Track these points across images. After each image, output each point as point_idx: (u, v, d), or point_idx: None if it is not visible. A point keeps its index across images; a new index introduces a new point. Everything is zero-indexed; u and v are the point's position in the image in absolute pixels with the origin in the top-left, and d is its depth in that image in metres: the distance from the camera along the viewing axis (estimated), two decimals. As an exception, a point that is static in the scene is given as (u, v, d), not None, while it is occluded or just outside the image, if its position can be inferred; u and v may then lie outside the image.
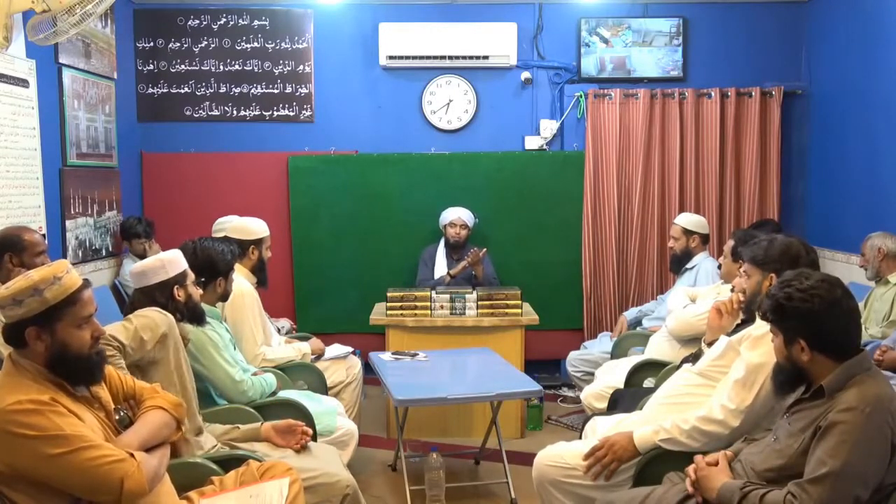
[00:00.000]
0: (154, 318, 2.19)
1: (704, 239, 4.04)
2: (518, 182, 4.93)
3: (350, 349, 3.70)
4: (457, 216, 4.52)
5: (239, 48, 4.96)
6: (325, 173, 4.92)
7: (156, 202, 4.92)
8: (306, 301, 4.97)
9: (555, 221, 4.95)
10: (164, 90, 4.97)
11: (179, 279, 2.36)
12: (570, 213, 4.93)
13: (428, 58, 4.86)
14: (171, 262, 2.38)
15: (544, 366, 4.92)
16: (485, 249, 4.43)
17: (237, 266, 3.01)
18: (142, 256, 4.36)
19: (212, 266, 2.70)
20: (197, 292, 2.41)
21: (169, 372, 2.20)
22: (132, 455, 1.72)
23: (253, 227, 3.42)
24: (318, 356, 3.54)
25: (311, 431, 2.46)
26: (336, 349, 3.66)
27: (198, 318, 2.40)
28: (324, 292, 4.95)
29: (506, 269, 4.78)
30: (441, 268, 4.53)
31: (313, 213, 4.94)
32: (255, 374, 2.87)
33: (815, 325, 1.79)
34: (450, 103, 5.01)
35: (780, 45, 4.92)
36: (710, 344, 2.57)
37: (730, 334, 2.38)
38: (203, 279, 2.64)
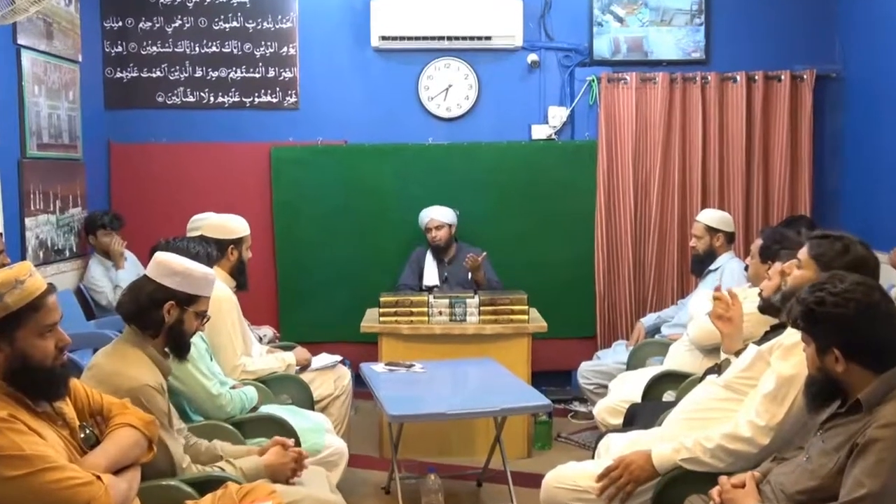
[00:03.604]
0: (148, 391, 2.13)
1: (730, 237, 4.05)
2: (524, 175, 4.94)
3: (338, 358, 3.71)
4: (429, 218, 4.54)
5: (216, 28, 4.97)
6: (311, 165, 4.93)
7: (125, 198, 4.92)
8: (291, 307, 4.97)
9: (564, 218, 4.96)
10: (134, 74, 4.99)
11: (183, 299, 2.25)
12: (582, 209, 4.94)
13: (425, 38, 4.87)
14: (195, 276, 2.28)
15: (553, 378, 4.91)
16: (484, 253, 4.45)
17: (214, 268, 3.00)
18: (107, 253, 4.35)
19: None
20: (194, 325, 2.30)
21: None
22: (99, 478, 1.71)
23: (232, 225, 3.42)
24: (304, 367, 3.55)
25: (305, 453, 2.46)
26: (323, 359, 3.67)
27: (180, 349, 2.30)
28: (310, 297, 4.96)
29: (510, 272, 4.78)
30: (431, 275, 4.56)
31: (298, 210, 4.95)
32: (233, 387, 2.87)
33: (850, 333, 1.79)
34: (449, 89, 5.03)
35: (812, 24, 4.92)
36: (737, 353, 2.57)
37: (759, 342, 2.39)
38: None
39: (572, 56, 4.99)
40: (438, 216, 4.55)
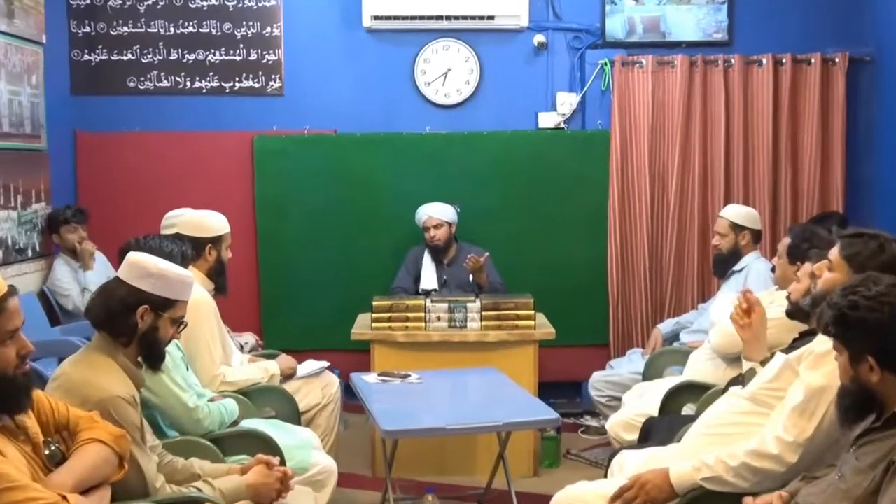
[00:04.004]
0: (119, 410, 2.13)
1: (756, 235, 4.06)
2: (530, 167, 4.95)
3: (325, 364, 3.72)
4: (427, 216, 4.54)
5: (193, 6, 4.97)
6: (297, 157, 4.93)
7: (93, 192, 4.92)
8: (274, 312, 4.98)
9: (575, 215, 4.97)
10: (104, 57, 4.99)
11: (158, 304, 2.25)
12: (594, 204, 4.95)
13: (421, 18, 4.88)
14: (171, 279, 2.28)
15: (562, 389, 4.93)
16: (486, 254, 4.46)
17: (191, 269, 2.99)
18: (74, 252, 4.35)
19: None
20: (170, 332, 2.31)
21: None
22: (65, 498, 1.71)
23: (210, 222, 3.42)
24: (289, 377, 3.55)
25: (290, 472, 2.45)
26: (309, 366, 3.68)
27: (154, 358, 2.30)
28: (295, 301, 4.97)
29: (515, 273, 4.78)
30: (429, 278, 4.56)
31: (283, 206, 4.96)
32: (212, 399, 2.87)
33: (885, 339, 1.79)
34: (448, 73, 5.03)
35: (844, 2, 4.93)
36: (763, 362, 2.58)
37: (787, 351, 2.39)
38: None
39: (583, 37, 5.00)
40: (437, 214, 4.55)
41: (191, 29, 4.98)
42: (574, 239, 4.98)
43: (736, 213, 4.08)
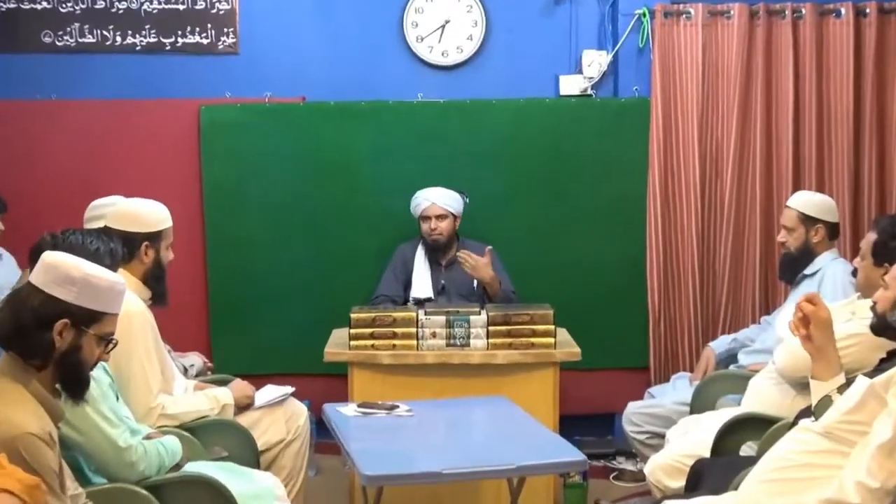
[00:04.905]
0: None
1: (832, 230, 4.06)
2: (549, 146, 4.93)
3: (289, 389, 3.72)
4: (428, 203, 4.53)
5: (124, -58, 4.90)
6: (256, 132, 4.91)
7: (-2, 176, 4.84)
8: (227, 327, 4.97)
9: (605, 205, 4.95)
10: (12, 6, 4.98)
11: (81, 317, 2.26)
12: (629, 192, 4.94)
13: (412, -44, 4.82)
14: (98, 285, 2.30)
15: (590, 424, 4.93)
16: (489, 248, 4.44)
17: (122, 272, 2.98)
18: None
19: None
20: (96, 352, 2.33)
21: None
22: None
23: (146, 214, 3.41)
24: (245, 407, 3.54)
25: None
26: (269, 392, 3.68)
27: (75, 385, 2.32)
28: (254, 314, 4.95)
29: (530, 277, 4.77)
30: (423, 283, 4.56)
31: (238, 194, 4.94)
32: (148, 436, 2.86)
33: None
34: (445, 26, 5.02)
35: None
36: (841, 389, 2.59)
37: (872, 374, 2.39)
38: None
39: (615, -19, 4.93)
40: (441, 200, 4.54)
41: (121, -30, 4.90)
42: (604, 235, 4.96)
43: (807, 202, 4.08)
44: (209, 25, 5.00)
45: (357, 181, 4.94)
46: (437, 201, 4.53)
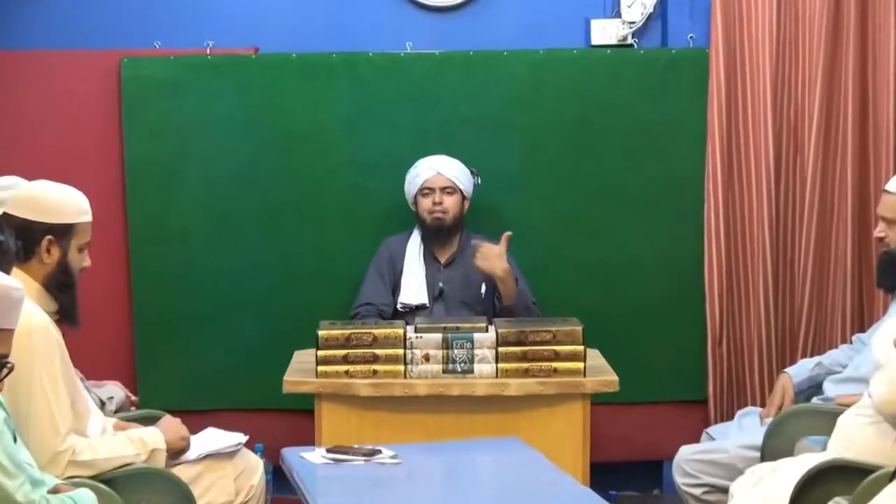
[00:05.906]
0: None
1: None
2: (577, 109, 4.73)
3: (241, 438, 3.56)
4: (433, 172, 4.42)
5: None
6: (193, 92, 4.74)
7: None
8: (155, 348, 4.82)
9: (649, 188, 4.78)
10: None
11: None
12: (680, 170, 4.76)
13: None
14: None
15: (630, 474, 4.75)
16: (507, 233, 4.32)
17: (18, 275, 2.88)
18: None
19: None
20: None
21: None
22: None
23: (52, 200, 3.21)
24: (180, 452, 3.39)
25: None
26: (213, 439, 3.54)
27: None
28: (191, 332, 4.80)
29: (552, 281, 4.64)
30: (416, 285, 4.43)
31: (172, 173, 4.77)
32: (55, 490, 2.73)
33: None
34: (442, -45, 5.16)
35: None
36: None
37: None
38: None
39: None
40: (448, 170, 4.41)
41: None
42: (649, 229, 4.77)
43: (913, 187, 4.23)
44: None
45: (327, 157, 4.73)
46: (445, 171, 4.38)
